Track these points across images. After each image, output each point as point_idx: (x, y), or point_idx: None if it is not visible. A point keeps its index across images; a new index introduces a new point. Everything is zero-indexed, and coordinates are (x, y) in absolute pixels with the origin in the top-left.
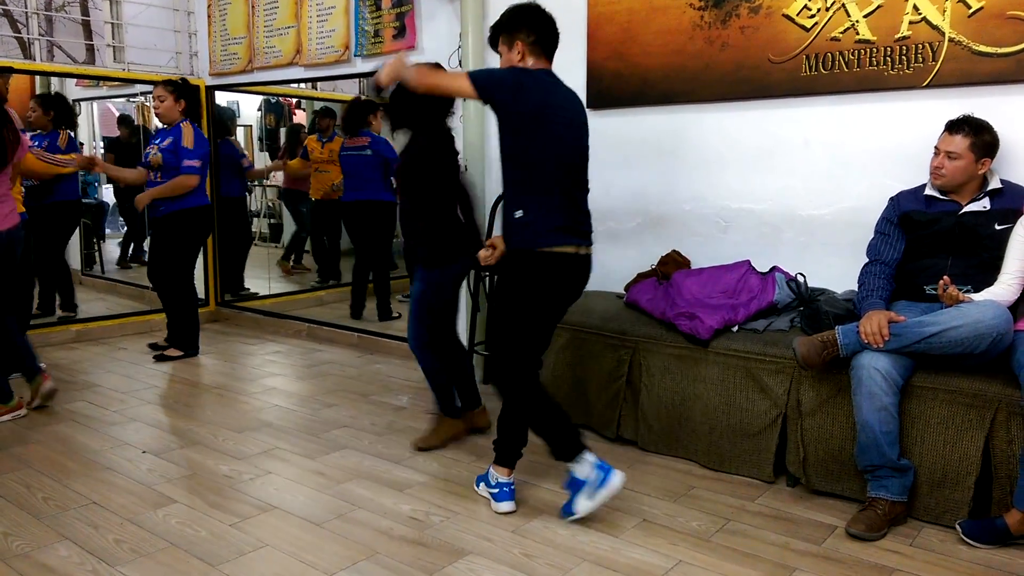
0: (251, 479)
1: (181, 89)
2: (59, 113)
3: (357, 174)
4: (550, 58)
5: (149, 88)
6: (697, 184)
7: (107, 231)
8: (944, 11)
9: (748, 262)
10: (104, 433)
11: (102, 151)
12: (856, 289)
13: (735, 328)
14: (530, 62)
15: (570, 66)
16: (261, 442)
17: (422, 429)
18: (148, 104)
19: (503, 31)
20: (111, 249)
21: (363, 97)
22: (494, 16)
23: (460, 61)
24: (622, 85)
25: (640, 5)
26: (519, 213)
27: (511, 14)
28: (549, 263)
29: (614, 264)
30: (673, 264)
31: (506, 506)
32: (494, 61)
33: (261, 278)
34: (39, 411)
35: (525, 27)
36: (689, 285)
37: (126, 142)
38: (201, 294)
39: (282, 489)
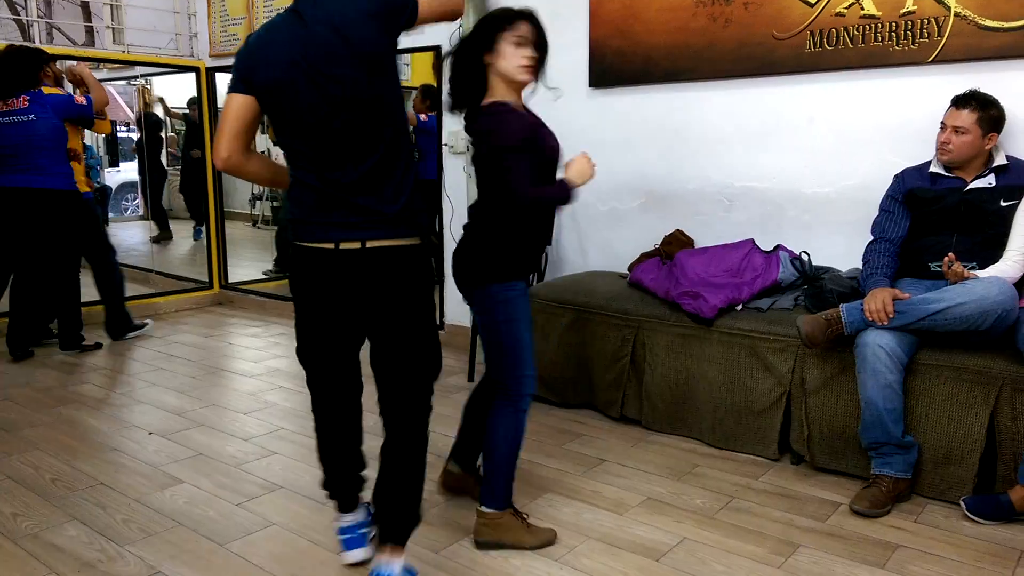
0: (257, 459)
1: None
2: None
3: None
4: None
5: (149, 70)
6: (701, 163)
7: (110, 215)
8: None
9: (752, 241)
10: (111, 415)
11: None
12: (860, 267)
13: (739, 307)
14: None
15: (573, 45)
16: (266, 423)
17: None
18: (148, 87)
19: None
20: (114, 233)
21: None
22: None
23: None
24: (625, 63)
25: None
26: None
27: None
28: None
29: (618, 244)
30: (677, 243)
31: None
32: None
33: (264, 261)
34: (45, 393)
35: None
36: (693, 264)
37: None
38: (205, 277)
39: (287, 469)
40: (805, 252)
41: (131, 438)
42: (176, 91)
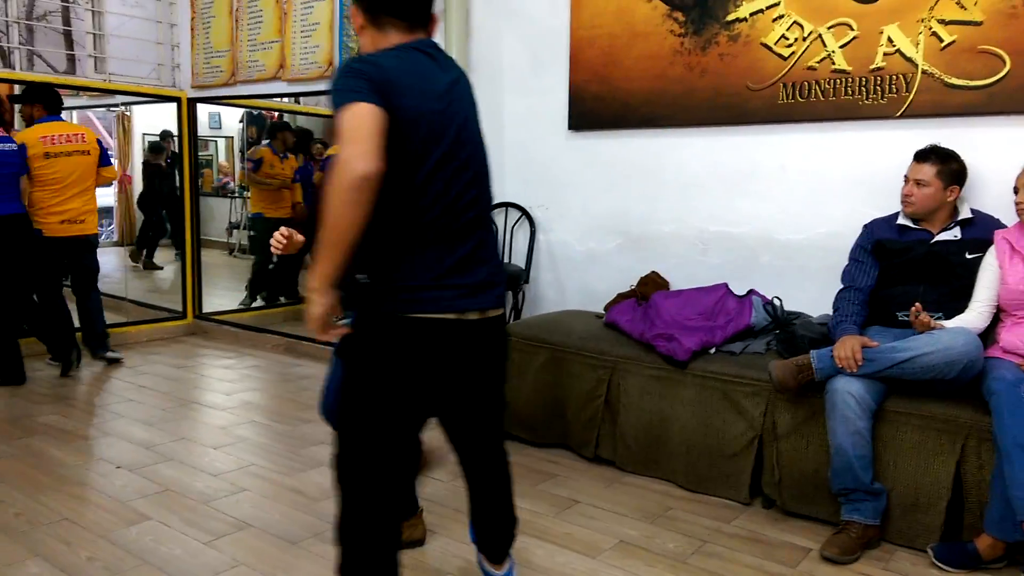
0: (226, 496)
1: None
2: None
3: None
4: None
5: (130, 99)
6: (677, 206)
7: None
8: (917, 44)
9: (725, 285)
10: (78, 447)
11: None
12: (831, 313)
13: (712, 350)
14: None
15: (553, 89)
16: (237, 458)
17: None
18: (128, 114)
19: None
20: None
21: None
22: (479, 35)
23: None
24: (604, 108)
25: (622, 30)
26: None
27: None
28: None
29: (595, 284)
30: (653, 285)
31: None
32: (481, 81)
33: (239, 290)
34: (12, 424)
35: None
36: (668, 306)
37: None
38: (178, 306)
39: (257, 506)
40: (777, 297)
41: (98, 471)
42: (155, 119)
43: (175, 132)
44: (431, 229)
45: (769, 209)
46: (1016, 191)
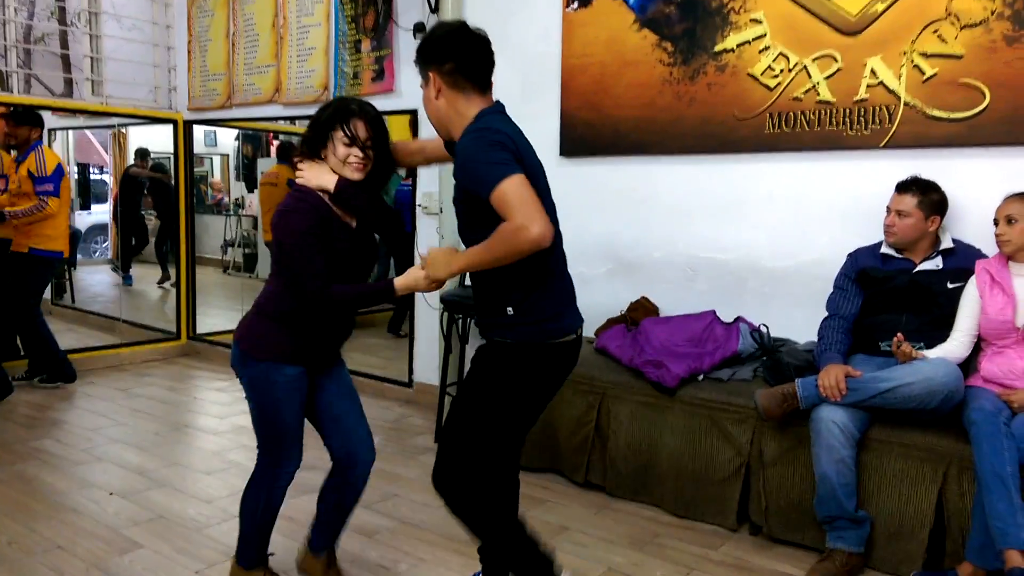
0: (219, 523)
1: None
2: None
3: None
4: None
5: (127, 120)
6: (666, 233)
7: (79, 257)
8: (900, 76)
9: (713, 312)
10: (71, 473)
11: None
12: (816, 340)
13: (700, 377)
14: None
15: (545, 115)
16: (229, 484)
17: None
18: (123, 132)
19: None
20: (81, 277)
21: None
22: None
23: None
24: (594, 134)
25: (612, 59)
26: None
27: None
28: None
29: (585, 309)
30: (642, 311)
31: None
32: None
33: (234, 309)
34: (4, 449)
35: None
36: (657, 332)
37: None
38: (172, 326)
39: None
40: (764, 325)
41: (91, 498)
42: (150, 136)
43: (170, 150)
44: (556, 266)
45: (756, 236)
46: (996, 222)
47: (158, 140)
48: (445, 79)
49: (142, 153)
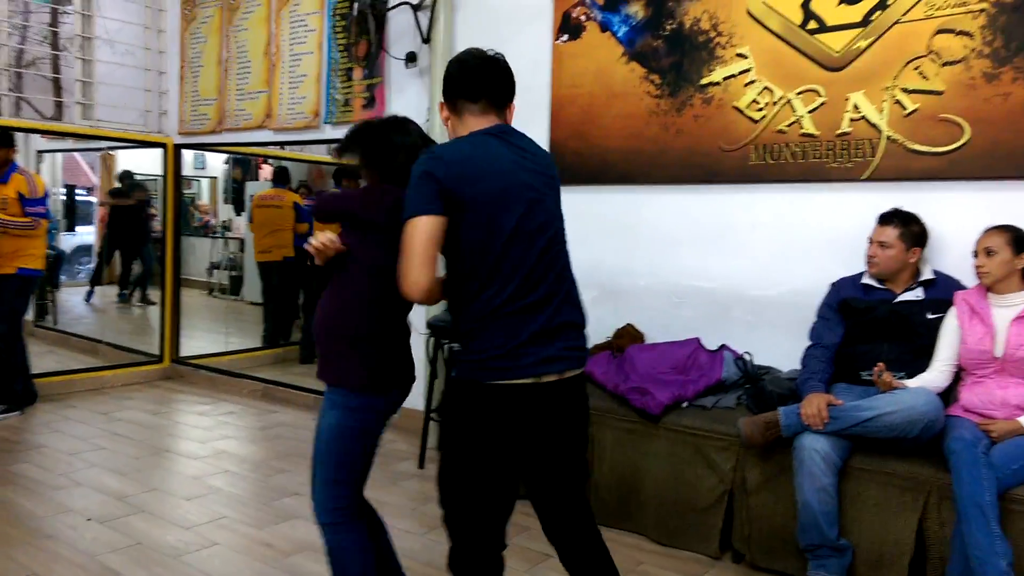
0: (197, 550)
1: None
2: None
3: None
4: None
5: (116, 143)
6: (652, 261)
7: (62, 279)
8: (882, 110)
9: (698, 340)
10: (48, 498)
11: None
12: (799, 369)
13: (685, 404)
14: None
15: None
16: (209, 510)
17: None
18: (112, 154)
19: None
20: (64, 299)
21: None
22: None
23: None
24: (583, 164)
25: (600, 90)
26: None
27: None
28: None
29: None
30: (628, 337)
31: None
32: None
33: (218, 332)
34: None
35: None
36: (642, 359)
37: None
38: (155, 350)
39: (228, 562)
40: (748, 352)
41: (68, 524)
42: (139, 159)
43: (160, 173)
44: (510, 301)
45: (740, 265)
46: (975, 254)
47: (147, 163)
48: (447, 104)
49: (123, 177)
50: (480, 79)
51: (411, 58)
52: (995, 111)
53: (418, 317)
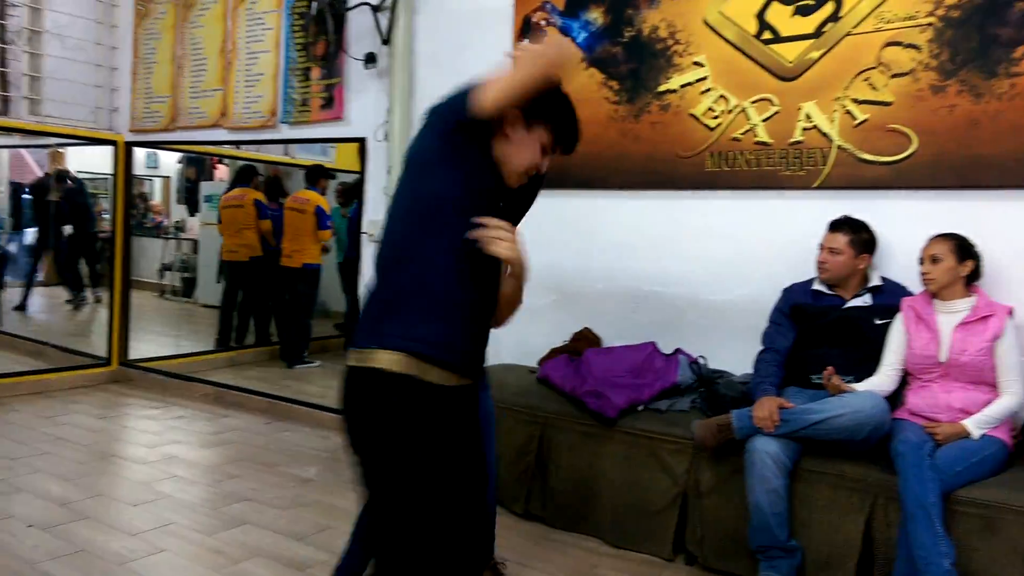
0: (144, 557)
1: None
2: None
3: None
4: None
5: (64, 140)
6: (610, 265)
7: (7, 279)
8: (833, 120)
9: (653, 344)
10: None
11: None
12: (752, 373)
13: (640, 407)
14: None
15: None
16: (156, 516)
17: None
18: (61, 151)
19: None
20: (9, 300)
21: None
22: (422, 93)
23: (387, 135)
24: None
25: None
26: None
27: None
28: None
29: (530, 338)
30: (585, 341)
31: None
32: None
33: (169, 334)
34: None
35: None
36: (598, 363)
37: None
38: (103, 352)
39: (176, 568)
40: (702, 356)
41: (8, 531)
42: (89, 157)
43: (110, 171)
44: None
45: (695, 270)
46: (921, 261)
47: (98, 161)
48: (527, 116)
49: (60, 176)
50: (574, 144)
51: (371, 59)
52: (941, 123)
53: None
